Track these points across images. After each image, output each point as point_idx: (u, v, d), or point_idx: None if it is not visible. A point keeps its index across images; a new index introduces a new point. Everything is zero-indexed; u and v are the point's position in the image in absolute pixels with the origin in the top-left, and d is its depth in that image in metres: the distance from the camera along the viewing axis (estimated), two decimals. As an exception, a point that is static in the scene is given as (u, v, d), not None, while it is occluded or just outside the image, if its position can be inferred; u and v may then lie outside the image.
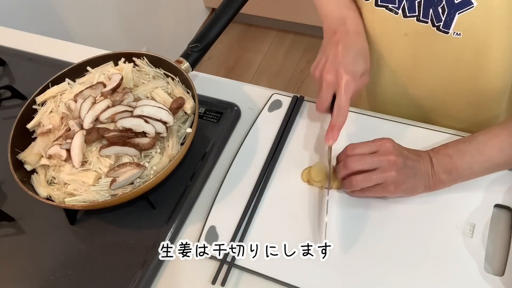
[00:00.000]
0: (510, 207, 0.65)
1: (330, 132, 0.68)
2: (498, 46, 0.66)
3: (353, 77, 0.67)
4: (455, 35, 0.65)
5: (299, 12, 2.14)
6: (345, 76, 0.66)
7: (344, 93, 0.67)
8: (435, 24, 0.66)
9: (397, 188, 0.63)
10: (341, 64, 0.67)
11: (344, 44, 0.69)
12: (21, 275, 0.71)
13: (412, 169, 0.63)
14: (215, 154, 0.78)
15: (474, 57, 0.69)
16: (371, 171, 0.63)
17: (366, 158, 0.64)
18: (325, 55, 0.70)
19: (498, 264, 0.61)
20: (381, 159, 0.63)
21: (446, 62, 0.72)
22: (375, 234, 0.65)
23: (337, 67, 0.67)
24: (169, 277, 0.68)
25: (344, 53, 0.68)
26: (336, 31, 0.72)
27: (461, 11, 0.62)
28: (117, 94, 0.74)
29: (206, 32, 0.83)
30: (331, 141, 0.69)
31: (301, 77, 2.16)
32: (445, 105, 0.80)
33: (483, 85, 0.73)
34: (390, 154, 0.63)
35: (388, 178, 0.62)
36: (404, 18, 0.69)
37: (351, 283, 0.62)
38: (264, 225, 0.69)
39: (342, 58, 0.68)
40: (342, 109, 0.67)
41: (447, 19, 0.64)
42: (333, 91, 0.69)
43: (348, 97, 0.67)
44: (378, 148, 0.64)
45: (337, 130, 0.68)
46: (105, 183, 0.68)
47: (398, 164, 0.62)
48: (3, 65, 1.00)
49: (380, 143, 0.65)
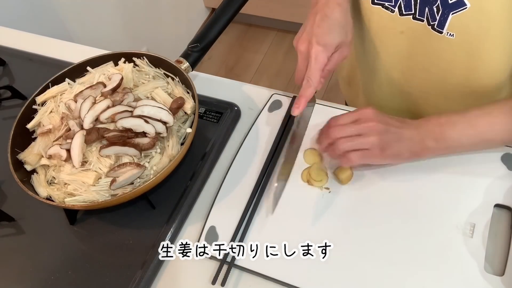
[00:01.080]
0: (510, 207, 0.65)
1: (297, 102, 0.68)
2: (491, 49, 0.66)
3: (324, 47, 0.66)
4: (449, 35, 0.66)
5: (299, 12, 2.14)
6: (316, 46, 0.66)
7: (314, 63, 0.66)
8: (430, 23, 0.66)
9: (382, 152, 0.64)
10: (314, 34, 0.67)
11: (321, 14, 0.68)
12: (21, 275, 0.71)
13: (395, 133, 0.64)
14: (215, 154, 0.78)
15: (467, 59, 0.69)
16: (353, 136, 0.64)
17: (347, 127, 0.65)
18: (304, 26, 0.70)
19: (498, 264, 0.61)
20: (362, 126, 0.64)
21: (440, 62, 0.72)
22: (375, 234, 0.65)
23: (310, 37, 0.67)
24: (169, 277, 0.68)
25: (319, 23, 0.67)
26: (318, 1, 0.71)
27: (455, 12, 0.63)
28: (117, 94, 0.74)
29: (206, 32, 0.83)
30: (296, 111, 0.69)
31: (301, 77, 2.16)
32: (437, 104, 0.80)
33: (475, 87, 0.73)
34: (371, 120, 0.64)
35: (371, 143, 0.63)
36: (400, 16, 0.69)
37: (351, 283, 0.62)
38: (264, 225, 0.69)
39: (317, 28, 0.67)
40: (310, 79, 0.67)
41: (441, 18, 0.64)
42: (307, 62, 0.68)
43: (317, 67, 0.67)
44: (359, 117, 0.65)
45: (304, 100, 0.68)
46: (105, 183, 0.68)
47: (380, 129, 0.63)
48: (3, 65, 1.00)
49: (361, 111, 0.66)
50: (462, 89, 0.74)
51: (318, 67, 0.67)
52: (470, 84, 0.73)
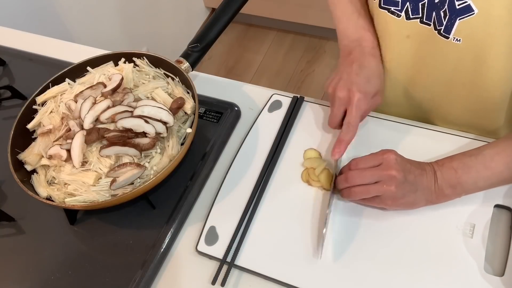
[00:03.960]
0: (510, 207, 0.65)
1: (337, 146, 0.69)
2: (497, 56, 0.66)
3: (365, 95, 0.69)
4: (455, 40, 0.65)
5: (299, 12, 2.14)
6: (358, 94, 0.68)
7: (355, 110, 0.69)
8: (437, 28, 0.66)
9: (394, 202, 0.64)
10: (354, 82, 0.69)
11: (358, 63, 0.71)
12: (21, 275, 0.71)
13: (413, 184, 0.63)
14: (215, 154, 0.78)
15: (473, 65, 0.68)
16: (370, 184, 0.64)
17: (366, 173, 0.64)
18: (339, 73, 0.72)
19: (498, 264, 0.61)
20: (382, 173, 0.63)
21: (445, 67, 0.71)
22: (374, 235, 0.65)
23: (350, 85, 0.69)
24: (169, 277, 0.68)
25: (358, 72, 0.70)
26: (351, 51, 0.74)
27: (462, 17, 0.62)
28: (118, 94, 0.74)
29: (206, 32, 0.83)
30: (337, 155, 0.70)
31: (301, 77, 2.16)
32: (443, 109, 0.80)
33: (481, 94, 0.73)
34: (391, 168, 0.62)
35: (386, 192, 0.63)
36: (407, 20, 0.69)
37: (351, 283, 0.62)
38: (264, 225, 0.69)
39: (356, 76, 0.70)
40: (351, 126, 0.69)
41: (448, 24, 0.64)
42: (344, 108, 0.70)
43: (358, 114, 0.69)
44: (381, 162, 0.64)
45: (345, 145, 0.69)
46: (105, 183, 0.68)
47: (398, 179, 0.62)
48: (3, 65, 1.00)
49: (382, 157, 0.64)
50: (468, 93, 0.74)
51: (359, 114, 0.69)
52: (476, 88, 0.72)
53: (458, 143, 0.72)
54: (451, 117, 0.80)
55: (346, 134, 0.69)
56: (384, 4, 0.69)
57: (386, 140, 0.74)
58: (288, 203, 0.70)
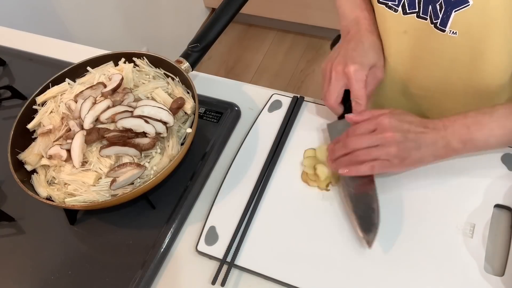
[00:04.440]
0: (510, 207, 0.65)
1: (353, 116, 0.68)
2: (494, 48, 0.66)
3: (361, 66, 0.69)
4: (451, 33, 0.66)
5: (299, 12, 2.14)
6: (353, 65, 0.68)
7: (356, 82, 0.68)
8: (433, 21, 0.66)
9: (402, 162, 0.63)
10: (350, 56, 0.70)
11: (355, 40, 0.72)
12: (21, 275, 0.71)
13: (415, 141, 0.63)
14: (215, 154, 0.78)
15: (470, 57, 0.69)
16: (371, 147, 0.63)
17: (364, 137, 0.64)
18: (337, 52, 0.73)
19: (498, 264, 0.61)
20: (378, 137, 0.63)
21: (442, 61, 0.72)
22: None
23: (346, 59, 0.70)
24: (169, 277, 0.68)
25: (354, 48, 0.71)
26: (349, 30, 0.75)
27: (457, 9, 0.63)
28: (118, 94, 0.74)
29: (206, 32, 0.83)
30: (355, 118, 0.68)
31: (301, 77, 2.16)
32: (442, 105, 0.80)
33: (478, 87, 0.73)
34: (386, 131, 0.63)
35: (389, 154, 0.63)
36: (404, 15, 0.69)
37: (351, 283, 0.62)
38: (264, 225, 0.69)
39: (352, 51, 0.71)
40: (358, 99, 0.69)
41: (444, 16, 0.64)
42: (342, 82, 0.70)
43: (360, 85, 0.69)
44: (376, 126, 0.64)
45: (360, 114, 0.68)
46: (105, 183, 0.68)
47: (396, 139, 0.62)
48: (3, 65, 1.00)
49: (376, 121, 0.64)
50: (465, 88, 0.74)
51: (361, 85, 0.69)
52: (473, 83, 0.72)
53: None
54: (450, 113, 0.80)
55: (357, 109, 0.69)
56: None
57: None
58: (288, 203, 0.70)
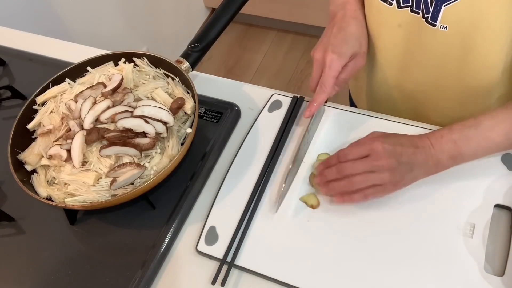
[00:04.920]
0: (510, 207, 0.65)
1: (309, 106, 0.72)
2: (484, 43, 0.66)
3: (339, 55, 0.70)
4: (442, 28, 0.66)
5: (299, 12, 2.14)
6: (331, 54, 0.69)
7: (328, 70, 0.70)
8: (424, 16, 0.67)
9: (395, 186, 0.64)
10: (330, 43, 0.71)
11: (337, 27, 0.73)
12: (21, 275, 0.71)
13: (407, 164, 0.63)
14: (215, 154, 0.78)
15: (461, 52, 0.69)
16: (368, 173, 0.63)
17: (358, 164, 0.64)
18: (321, 38, 0.74)
19: (498, 264, 0.61)
20: (373, 164, 0.63)
21: (434, 55, 0.72)
22: (375, 235, 0.65)
23: (326, 47, 0.71)
24: (169, 277, 0.68)
25: (335, 35, 0.72)
26: (335, 15, 0.75)
27: (447, 4, 0.63)
28: (118, 94, 0.74)
29: (206, 32, 0.83)
30: (308, 114, 0.72)
31: (301, 77, 2.16)
32: (434, 100, 0.80)
33: (470, 82, 0.73)
34: (381, 158, 0.62)
35: (384, 180, 0.63)
36: (398, 9, 0.69)
37: (351, 283, 0.62)
38: (264, 225, 0.69)
39: (333, 38, 0.71)
40: (324, 86, 0.70)
41: (435, 11, 0.65)
42: (321, 70, 0.71)
43: (331, 74, 0.70)
44: (369, 152, 0.64)
45: (317, 105, 0.71)
46: (105, 183, 0.68)
47: (391, 165, 0.62)
48: (3, 65, 1.00)
49: (369, 147, 0.64)
50: (457, 84, 0.74)
51: (332, 74, 0.70)
52: (465, 78, 0.73)
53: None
54: (441, 108, 0.81)
55: (318, 94, 0.71)
56: None
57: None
58: (288, 202, 0.70)
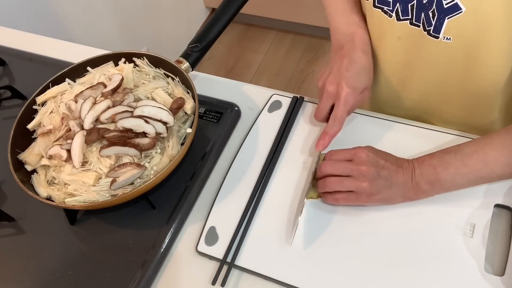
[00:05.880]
0: (510, 207, 0.65)
1: (322, 139, 0.71)
2: (488, 52, 0.66)
3: (353, 91, 0.70)
4: (445, 39, 0.65)
5: (299, 12, 2.14)
6: (346, 88, 0.69)
7: (343, 105, 0.70)
8: (426, 29, 0.66)
9: (370, 198, 0.64)
10: (343, 77, 0.70)
11: (348, 58, 0.72)
12: (21, 275, 0.71)
13: (387, 180, 0.63)
14: (215, 154, 0.78)
15: (465, 62, 0.68)
16: (344, 177, 0.65)
17: (338, 164, 0.65)
18: (330, 67, 0.73)
19: (498, 264, 0.61)
20: (352, 167, 0.64)
21: (437, 66, 0.72)
22: (374, 235, 0.65)
23: (340, 80, 0.70)
24: (169, 277, 0.68)
25: (348, 67, 0.71)
26: (343, 45, 0.74)
27: (450, 16, 0.62)
28: (118, 94, 0.74)
29: (206, 32, 0.83)
30: (321, 147, 0.71)
31: (301, 77, 2.16)
32: (438, 109, 0.80)
33: (475, 90, 0.73)
34: (362, 164, 0.64)
35: (359, 188, 0.63)
36: (397, 21, 0.69)
37: (351, 283, 0.62)
38: (264, 225, 0.69)
39: (346, 71, 0.70)
40: (338, 119, 0.70)
41: (437, 23, 0.64)
42: (332, 102, 0.72)
43: (345, 108, 0.70)
44: (352, 157, 0.65)
45: (329, 138, 0.71)
46: (106, 183, 0.68)
47: (370, 175, 0.63)
48: (3, 65, 1.00)
49: (355, 152, 0.66)
50: (461, 92, 0.74)
51: (346, 109, 0.70)
52: (469, 86, 0.72)
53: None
54: (446, 116, 0.80)
55: (332, 127, 0.70)
56: (378, 3, 0.70)
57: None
58: (288, 203, 0.70)
